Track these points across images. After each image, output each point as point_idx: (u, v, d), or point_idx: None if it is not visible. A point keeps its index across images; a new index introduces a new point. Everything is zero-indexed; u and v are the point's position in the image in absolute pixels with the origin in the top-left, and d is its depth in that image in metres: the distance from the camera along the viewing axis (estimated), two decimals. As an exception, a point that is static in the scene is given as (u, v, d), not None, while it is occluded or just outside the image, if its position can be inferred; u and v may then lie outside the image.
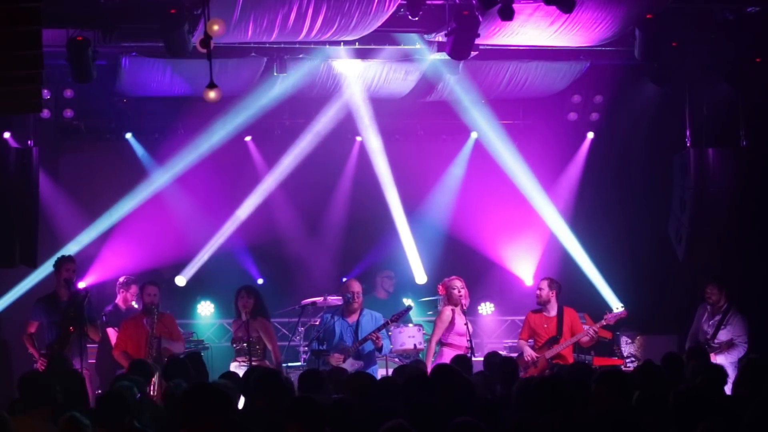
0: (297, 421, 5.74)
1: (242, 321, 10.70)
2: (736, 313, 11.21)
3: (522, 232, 14.30)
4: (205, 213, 13.87)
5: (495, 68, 12.43)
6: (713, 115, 12.66)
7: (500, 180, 13.98)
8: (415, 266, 14.11)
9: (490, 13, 10.20)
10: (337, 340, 10.76)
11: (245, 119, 13.11)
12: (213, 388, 5.61)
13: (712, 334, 11.14)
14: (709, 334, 11.16)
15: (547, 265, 13.99)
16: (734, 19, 11.22)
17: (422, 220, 14.31)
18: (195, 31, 10.00)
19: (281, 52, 11.73)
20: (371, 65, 12.27)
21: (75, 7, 10.35)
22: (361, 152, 14.34)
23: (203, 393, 5.47)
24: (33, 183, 11.74)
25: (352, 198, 14.47)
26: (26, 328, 10.87)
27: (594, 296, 13.41)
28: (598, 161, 14.29)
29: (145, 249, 13.49)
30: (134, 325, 10.75)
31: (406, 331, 11.48)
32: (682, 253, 12.62)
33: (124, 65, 11.72)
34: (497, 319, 14.15)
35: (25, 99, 8.80)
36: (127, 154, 13.77)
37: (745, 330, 11.16)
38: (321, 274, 13.92)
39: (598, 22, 10.72)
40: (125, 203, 13.44)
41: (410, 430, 5.40)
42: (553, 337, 10.91)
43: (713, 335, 11.14)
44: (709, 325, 11.24)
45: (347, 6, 10.11)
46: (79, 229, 13.29)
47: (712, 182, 12.43)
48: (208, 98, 8.25)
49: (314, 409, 5.80)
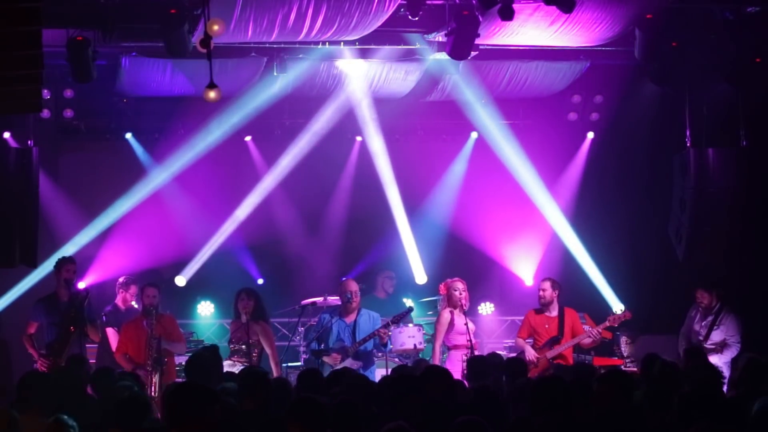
0: (298, 422, 5.70)
1: (242, 323, 10.69)
2: (728, 313, 11.20)
3: (522, 232, 14.31)
4: (205, 213, 13.87)
5: (495, 68, 12.44)
6: (713, 115, 12.65)
7: (500, 180, 13.99)
8: (416, 266, 14.11)
9: (490, 13, 10.20)
10: (335, 341, 10.76)
11: (245, 119, 13.12)
12: (198, 387, 5.47)
13: (705, 335, 11.13)
14: (702, 335, 11.15)
15: (547, 265, 14.00)
16: (734, 19, 11.22)
17: (422, 220, 14.31)
18: (195, 31, 10.00)
19: (281, 52, 11.74)
20: (371, 65, 12.27)
21: (75, 7, 10.36)
22: (361, 152, 14.35)
23: (188, 392, 5.35)
24: (33, 183, 11.72)
25: (352, 198, 14.47)
26: (26, 329, 10.86)
27: (594, 296, 13.42)
28: (598, 161, 14.29)
29: (145, 249, 13.49)
30: (134, 327, 10.75)
31: (406, 331, 11.48)
32: (682, 253, 12.61)
33: (124, 65, 11.72)
34: (497, 319, 14.14)
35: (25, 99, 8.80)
36: (127, 154, 13.77)
37: (738, 329, 11.15)
38: (321, 274, 13.92)
39: (598, 22, 10.72)
40: (125, 203, 13.44)
41: (411, 430, 5.39)
42: (554, 337, 10.91)
43: (706, 336, 11.12)
44: (701, 326, 11.23)
45: (347, 6, 10.11)
46: (79, 229, 13.30)
47: (712, 182, 12.42)
48: (208, 98, 8.24)
49: (316, 410, 5.76)
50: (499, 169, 13.90)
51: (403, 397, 6.65)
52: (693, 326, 11.31)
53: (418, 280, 14.09)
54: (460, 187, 14.51)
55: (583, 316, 11.78)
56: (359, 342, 10.65)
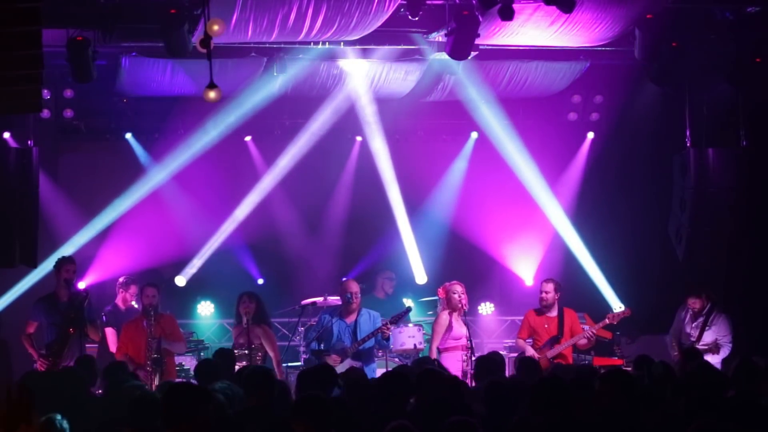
0: (304, 420, 5.65)
1: (243, 327, 10.68)
2: (719, 313, 11.15)
3: (522, 232, 14.31)
4: (205, 213, 13.88)
5: (495, 68, 12.43)
6: (713, 115, 12.66)
7: (500, 180, 13.99)
8: (416, 266, 14.11)
9: (490, 13, 10.20)
10: (335, 341, 10.74)
11: (245, 119, 13.12)
12: (190, 388, 5.47)
13: (697, 337, 11.09)
14: (693, 337, 11.10)
15: (547, 265, 14.01)
16: (734, 19, 11.22)
17: (422, 219, 14.31)
18: (195, 31, 10.00)
19: (281, 52, 11.73)
20: (371, 65, 12.26)
21: (75, 7, 10.35)
22: (361, 152, 14.35)
23: (181, 393, 5.32)
24: (33, 183, 11.72)
25: (352, 198, 14.47)
26: (25, 328, 10.86)
27: (594, 296, 13.42)
28: (598, 161, 14.29)
29: (145, 249, 13.49)
30: (134, 327, 10.74)
31: (406, 331, 11.48)
32: (682, 253, 12.61)
33: (124, 65, 11.72)
34: (497, 319, 14.15)
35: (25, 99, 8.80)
36: (127, 154, 13.77)
37: (729, 330, 11.10)
38: (321, 274, 13.92)
39: (598, 22, 10.71)
40: (125, 203, 13.44)
41: (413, 430, 5.38)
42: (554, 337, 10.90)
43: (699, 337, 11.09)
44: (692, 327, 11.20)
45: (347, 6, 10.09)
46: (79, 228, 13.30)
47: (712, 182, 12.43)
48: (208, 98, 8.23)
49: (321, 408, 5.73)
50: (499, 169, 13.89)
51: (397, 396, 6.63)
52: (684, 328, 11.26)
53: (418, 280, 14.09)
54: (460, 187, 14.51)
55: (583, 316, 11.78)
56: (359, 342, 10.62)
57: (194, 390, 5.39)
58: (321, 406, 5.74)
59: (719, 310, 11.17)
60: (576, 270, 13.67)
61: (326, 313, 11.13)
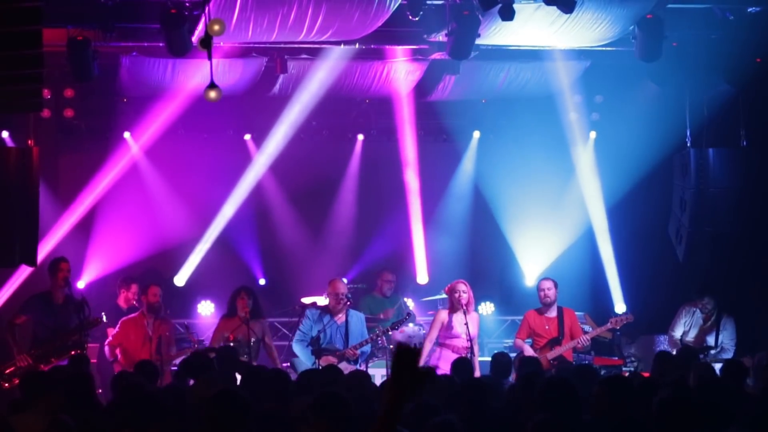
0: (322, 419, 5.32)
1: (240, 321, 10.65)
2: (728, 316, 11.16)
3: (522, 232, 14.30)
4: (205, 212, 13.87)
5: (495, 68, 12.43)
6: (713, 115, 12.65)
7: (500, 180, 13.98)
8: (416, 266, 14.11)
9: (490, 13, 10.20)
10: (327, 341, 10.66)
11: (245, 118, 13.11)
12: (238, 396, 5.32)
13: (715, 341, 11.05)
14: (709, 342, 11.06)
15: (547, 265, 13.99)
16: (734, 19, 11.22)
17: (422, 219, 14.30)
18: (195, 31, 10.00)
19: (281, 52, 11.73)
20: (371, 65, 12.26)
21: (75, 7, 10.36)
22: (362, 151, 14.36)
23: (229, 401, 5.21)
24: (33, 183, 11.70)
25: (352, 197, 14.47)
26: (12, 318, 10.69)
27: (594, 296, 13.42)
28: (598, 161, 14.27)
29: (145, 249, 13.48)
30: (134, 325, 10.75)
31: (406, 331, 11.47)
32: (682, 253, 12.61)
33: (125, 64, 11.72)
34: (497, 319, 14.14)
35: (25, 98, 8.81)
36: (127, 154, 13.75)
37: (735, 333, 11.14)
38: (321, 274, 13.88)
39: (598, 22, 10.71)
40: (125, 203, 13.43)
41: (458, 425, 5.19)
42: (554, 338, 10.87)
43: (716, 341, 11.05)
44: (700, 329, 11.19)
45: (347, 6, 10.09)
46: (79, 228, 13.28)
47: (712, 182, 12.43)
48: (208, 98, 8.23)
49: (341, 406, 5.38)
50: (499, 169, 13.89)
51: None
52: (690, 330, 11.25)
53: (419, 279, 14.09)
54: (460, 187, 14.51)
55: (584, 316, 11.77)
56: (355, 347, 10.55)
57: (240, 400, 5.27)
58: (341, 403, 5.39)
59: (728, 313, 11.16)
60: (576, 270, 13.66)
61: (313, 310, 10.99)
